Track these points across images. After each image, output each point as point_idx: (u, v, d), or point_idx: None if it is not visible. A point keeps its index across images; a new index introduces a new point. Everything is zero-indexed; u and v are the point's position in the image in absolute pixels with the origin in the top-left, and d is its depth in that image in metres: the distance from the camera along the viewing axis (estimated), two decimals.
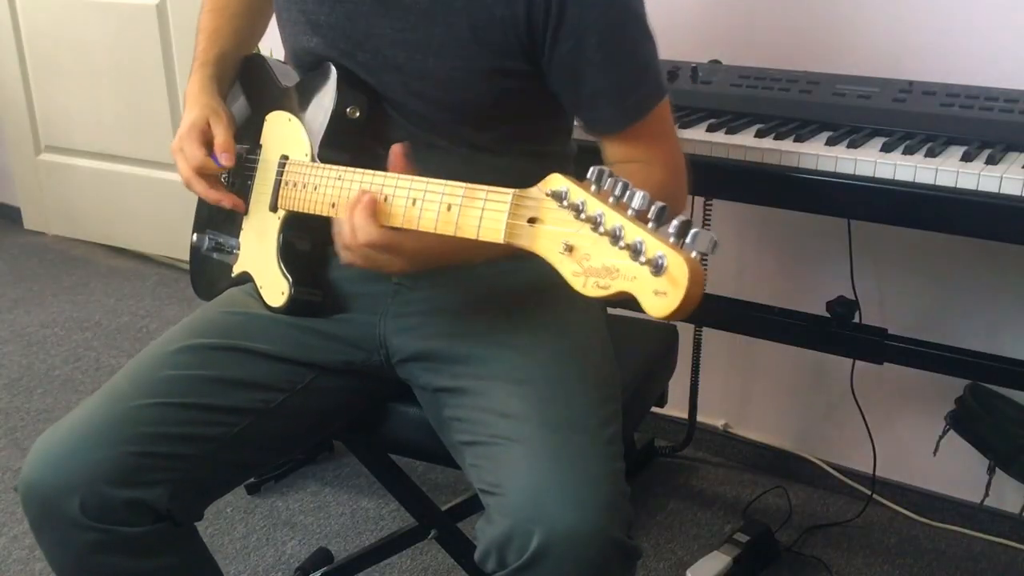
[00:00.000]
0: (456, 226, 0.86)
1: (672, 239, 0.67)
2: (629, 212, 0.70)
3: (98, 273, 3.10)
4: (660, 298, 0.66)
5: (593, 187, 0.72)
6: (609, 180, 0.71)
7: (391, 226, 0.93)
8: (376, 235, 0.93)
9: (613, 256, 0.70)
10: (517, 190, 0.79)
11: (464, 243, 0.86)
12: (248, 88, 1.27)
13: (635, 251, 0.68)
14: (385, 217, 0.93)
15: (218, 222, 1.25)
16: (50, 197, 3.32)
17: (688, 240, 0.66)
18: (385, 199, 0.94)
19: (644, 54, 1.05)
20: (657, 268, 0.66)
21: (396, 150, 0.96)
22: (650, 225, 0.68)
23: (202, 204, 1.30)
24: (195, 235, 1.29)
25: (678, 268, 0.65)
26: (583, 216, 0.72)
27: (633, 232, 0.68)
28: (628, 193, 0.70)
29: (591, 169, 0.72)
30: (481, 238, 0.83)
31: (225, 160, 1.13)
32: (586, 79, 1.03)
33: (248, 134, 1.21)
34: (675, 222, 0.67)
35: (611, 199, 0.71)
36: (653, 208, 0.68)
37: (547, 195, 0.75)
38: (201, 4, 1.29)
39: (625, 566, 0.94)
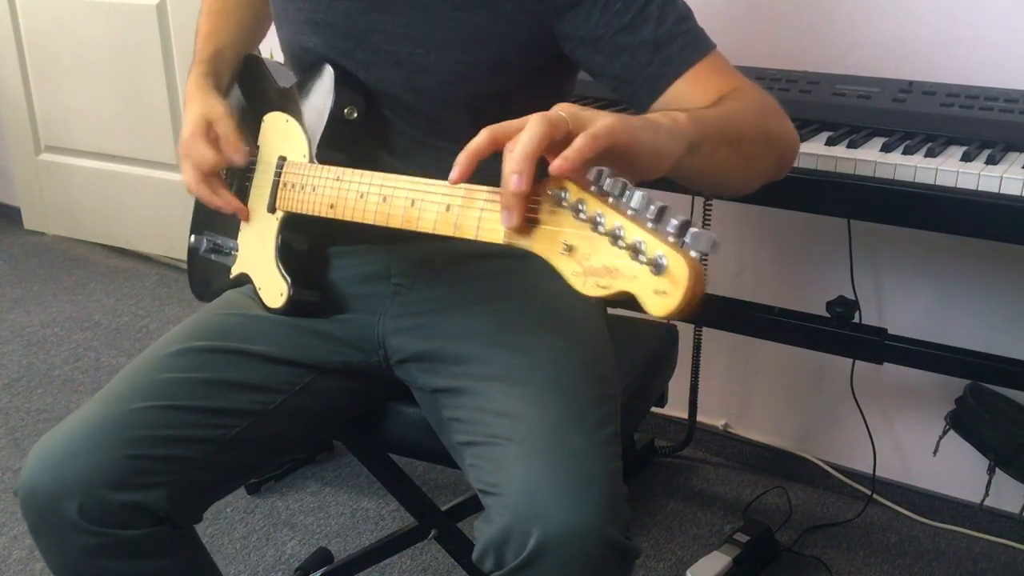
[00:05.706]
0: (455, 226, 0.86)
1: (671, 239, 0.67)
2: (628, 212, 0.70)
3: (98, 273, 3.10)
4: (661, 297, 0.67)
5: (593, 187, 0.72)
6: (608, 180, 0.71)
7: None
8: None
9: (613, 256, 0.70)
10: None
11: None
12: (246, 89, 1.27)
13: (635, 251, 0.68)
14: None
15: (216, 223, 1.25)
16: (50, 197, 3.32)
17: (687, 239, 0.66)
18: (384, 199, 0.94)
19: (678, 6, 1.02)
20: (657, 268, 0.67)
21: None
22: (649, 225, 0.69)
23: (200, 204, 1.29)
24: (193, 236, 1.29)
25: (678, 267, 0.66)
26: (583, 216, 0.72)
27: (633, 232, 0.69)
28: (628, 193, 0.70)
29: (591, 169, 0.72)
30: (480, 239, 0.83)
31: (238, 158, 1.11)
32: (626, 43, 1.00)
33: (246, 135, 1.21)
34: (673, 221, 0.67)
35: (611, 199, 0.71)
36: (652, 208, 0.69)
37: (547, 195, 0.75)
38: (200, 7, 1.29)
39: (622, 566, 0.94)
